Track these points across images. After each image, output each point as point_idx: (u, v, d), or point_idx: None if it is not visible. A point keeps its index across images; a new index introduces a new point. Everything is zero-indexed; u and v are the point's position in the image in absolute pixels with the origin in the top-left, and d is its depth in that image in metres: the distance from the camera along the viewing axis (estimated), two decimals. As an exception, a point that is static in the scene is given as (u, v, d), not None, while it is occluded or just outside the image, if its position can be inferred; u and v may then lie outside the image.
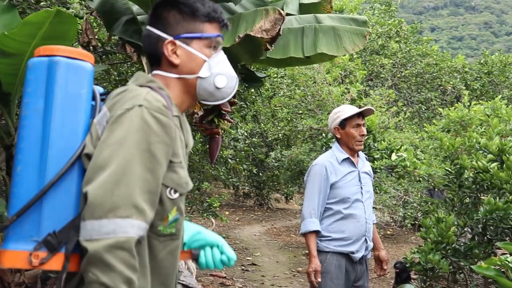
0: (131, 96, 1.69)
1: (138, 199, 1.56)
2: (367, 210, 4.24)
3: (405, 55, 15.33)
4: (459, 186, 6.29)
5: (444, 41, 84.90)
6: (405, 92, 15.85)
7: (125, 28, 5.79)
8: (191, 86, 1.88)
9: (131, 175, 1.57)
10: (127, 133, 1.60)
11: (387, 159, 8.38)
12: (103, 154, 1.58)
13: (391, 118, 12.00)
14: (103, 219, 1.52)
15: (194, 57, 1.87)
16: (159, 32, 1.88)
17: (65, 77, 1.67)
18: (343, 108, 4.35)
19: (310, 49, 5.53)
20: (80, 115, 1.68)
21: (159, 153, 1.63)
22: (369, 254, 4.32)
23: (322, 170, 4.20)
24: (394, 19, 15.83)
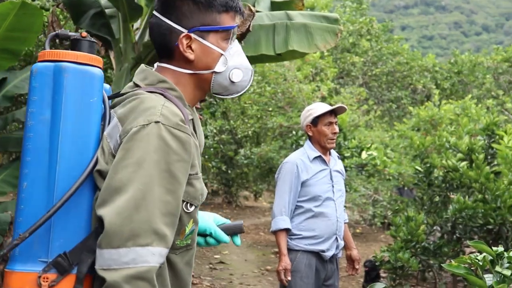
0: (145, 107, 1.55)
1: (158, 224, 1.47)
2: (338, 209, 4.20)
3: (376, 54, 15.40)
4: (428, 185, 6.31)
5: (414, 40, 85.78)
6: (375, 90, 15.93)
7: (92, 21, 5.67)
8: (205, 81, 1.74)
9: (150, 199, 1.47)
10: (144, 153, 1.49)
11: (357, 157, 8.39)
12: (119, 176, 1.48)
13: (362, 116, 12.03)
14: (121, 248, 1.43)
15: (211, 51, 1.71)
16: (172, 23, 1.70)
17: (74, 84, 1.55)
18: (315, 106, 4.31)
19: (281, 46, 5.48)
20: (91, 126, 1.56)
21: (179, 172, 1.53)
22: (340, 253, 4.28)
23: (293, 168, 4.15)
24: (365, 17, 15.89)
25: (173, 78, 1.72)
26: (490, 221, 5.36)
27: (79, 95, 1.55)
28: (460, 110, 8.71)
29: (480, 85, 16.77)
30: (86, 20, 5.66)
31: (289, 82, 11.20)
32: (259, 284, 8.06)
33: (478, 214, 5.47)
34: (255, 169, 13.37)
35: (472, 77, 17.02)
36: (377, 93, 15.86)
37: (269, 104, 12.20)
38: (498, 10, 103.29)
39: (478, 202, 5.51)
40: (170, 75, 1.72)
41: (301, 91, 10.91)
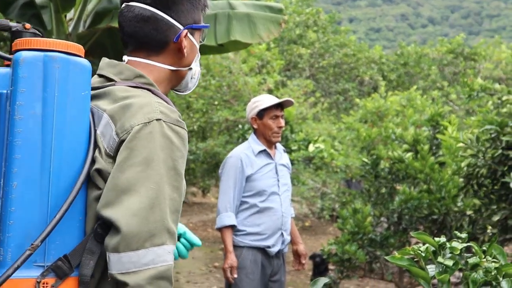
0: (140, 105, 1.52)
1: (169, 222, 1.47)
2: (283, 203, 4.13)
3: (322, 45, 15.37)
4: (375, 177, 6.30)
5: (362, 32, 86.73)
6: (323, 82, 15.94)
7: (21, 11, 5.42)
8: (181, 78, 1.76)
9: (163, 197, 1.46)
10: (151, 152, 1.47)
11: (305, 150, 8.32)
12: (127, 176, 1.44)
13: (309, 109, 12.00)
14: (140, 250, 1.42)
15: (194, 49, 1.75)
16: (171, 19, 1.67)
17: (66, 76, 1.45)
18: (261, 98, 4.22)
19: (223, 37, 5.34)
20: (83, 121, 1.49)
21: (182, 168, 1.54)
22: (286, 248, 4.23)
23: (237, 162, 4.06)
24: (311, 8, 15.83)
25: (151, 73, 1.69)
26: (435, 211, 5.38)
27: (71, 88, 1.46)
28: (405, 101, 8.76)
29: (426, 76, 17.00)
30: (15, 10, 5.40)
31: (234, 75, 11.05)
32: (206, 281, 7.95)
33: (423, 204, 5.47)
34: (202, 165, 13.19)
35: (418, 68, 17.25)
36: (324, 85, 15.86)
37: (215, 98, 12.02)
38: (443, 3, 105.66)
39: (423, 193, 5.52)
40: (146, 70, 1.69)
41: (246, 84, 10.77)
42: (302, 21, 15.08)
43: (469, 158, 4.59)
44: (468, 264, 1.76)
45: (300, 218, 12.88)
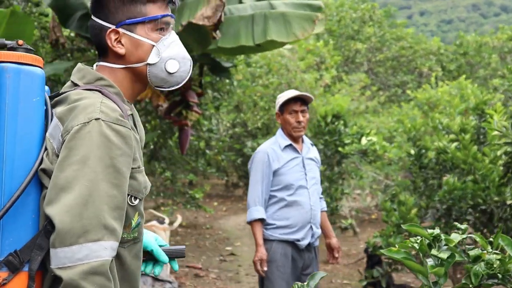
0: (84, 105, 1.58)
1: (107, 219, 1.51)
2: (312, 197, 4.16)
3: (379, 39, 15.22)
4: (420, 168, 6.25)
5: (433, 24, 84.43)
6: (381, 76, 15.77)
7: (80, 23, 5.74)
8: (141, 74, 1.76)
9: (97, 194, 1.50)
10: (88, 150, 1.52)
11: (357, 143, 8.34)
12: (65, 174, 1.50)
13: (367, 102, 11.94)
14: (74, 245, 1.46)
15: (141, 43, 1.73)
16: (101, 21, 1.74)
17: (17, 84, 1.56)
18: (283, 94, 4.28)
19: (260, 37, 5.48)
20: (35, 125, 1.58)
21: (123, 166, 1.57)
22: (316, 241, 4.23)
23: (264, 157, 4.14)
24: (367, 3, 15.72)
25: (110, 75, 1.75)
26: (479, 201, 5.30)
27: (22, 95, 1.56)
28: (456, 91, 8.60)
29: (487, 65, 16.46)
30: (74, 22, 5.72)
31: (292, 73, 11.16)
32: (265, 274, 8.05)
33: (468, 195, 5.40)
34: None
35: (479, 57, 16.72)
36: (383, 78, 15.69)
37: (276, 96, 12.18)
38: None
39: (468, 183, 5.44)
40: (107, 72, 1.75)
41: (303, 81, 10.86)
42: (358, 17, 15.00)
43: (505, 147, 4.54)
44: (470, 257, 1.69)
45: (366, 212, 12.81)
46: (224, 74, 8.00)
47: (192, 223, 11.53)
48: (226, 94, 10.54)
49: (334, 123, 8.49)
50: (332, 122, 8.48)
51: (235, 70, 10.02)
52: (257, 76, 12.92)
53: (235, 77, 11.37)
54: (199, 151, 10.82)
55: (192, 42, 5.53)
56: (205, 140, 10.79)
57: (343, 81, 11.83)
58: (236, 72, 10.66)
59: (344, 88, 11.28)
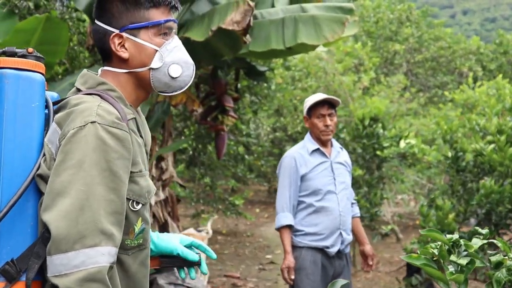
0: (81, 109, 1.57)
1: (104, 224, 1.48)
2: (341, 202, 4.09)
3: (417, 40, 14.94)
4: (457, 171, 6.09)
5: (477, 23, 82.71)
6: (421, 77, 15.48)
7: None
8: (144, 79, 1.76)
9: (94, 198, 1.48)
10: (83, 154, 1.50)
11: (396, 146, 8.18)
12: (61, 179, 1.48)
13: (406, 104, 11.74)
14: (70, 252, 1.43)
15: (144, 48, 1.74)
16: (104, 25, 1.75)
17: (15, 90, 1.56)
18: (311, 97, 4.23)
19: (291, 40, 5.44)
20: (33, 131, 1.58)
21: (120, 169, 1.54)
22: (347, 248, 4.16)
23: (292, 162, 4.10)
24: (403, 4, 15.47)
25: (113, 79, 1.75)
26: (518, 205, 5.12)
27: (20, 100, 1.57)
28: (494, 91, 8.35)
29: (529, 63, 15.96)
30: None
31: (330, 75, 11.06)
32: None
33: (506, 198, 5.23)
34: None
35: (519, 56, 16.24)
36: (422, 79, 15.39)
37: (315, 99, 12.06)
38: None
39: (506, 186, 5.27)
40: (110, 77, 1.76)
41: (342, 84, 10.75)
42: (395, 18, 14.77)
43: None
44: (491, 263, 1.67)
45: (410, 217, 12.52)
46: (260, 78, 7.98)
47: (232, 231, 11.49)
48: (264, 98, 10.49)
49: (372, 126, 8.35)
50: (370, 125, 8.34)
51: (273, 73, 9.97)
52: (297, 80, 12.85)
53: (275, 81, 11.34)
54: (238, 156, 10.78)
55: (223, 47, 5.53)
56: (243, 145, 10.76)
57: (382, 83, 11.64)
58: (275, 75, 10.61)
59: (383, 90, 11.10)
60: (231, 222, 12.40)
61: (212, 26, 4.92)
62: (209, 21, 5.08)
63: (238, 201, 10.13)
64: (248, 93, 9.74)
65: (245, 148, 11.20)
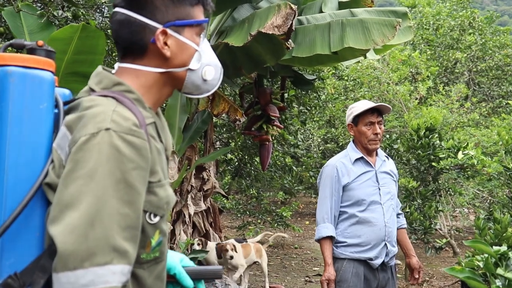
0: (94, 114, 1.43)
1: (117, 240, 1.34)
2: (386, 213, 3.91)
3: (480, 48, 14.30)
4: (518, 183, 5.73)
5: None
6: (484, 86, 14.83)
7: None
8: (179, 79, 1.65)
9: (106, 212, 1.34)
10: (95, 164, 1.36)
11: (453, 158, 7.80)
12: (70, 190, 1.34)
13: (466, 114, 11.26)
14: (78, 270, 1.29)
15: (187, 47, 1.63)
16: (145, 19, 1.59)
17: (21, 89, 1.42)
18: (357, 104, 4.07)
19: (337, 44, 5.23)
20: (41, 134, 1.44)
21: (136, 181, 1.40)
22: (392, 261, 3.97)
23: (333, 171, 3.93)
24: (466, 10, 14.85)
25: (135, 78, 1.61)
26: None
27: (27, 100, 1.43)
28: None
29: None
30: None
31: (384, 85, 10.74)
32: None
33: None
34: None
35: None
36: (486, 89, 14.74)
37: (367, 109, 11.75)
38: None
39: None
40: (133, 76, 1.61)
41: (397, 93, 10.41)
42: (457, 25, 14.18)
43: None
44: None
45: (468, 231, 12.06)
46: (307, 87, 7.78)
47: (280, 243, 11.32)
48: (314, 108, 10.26)
49: (427, 137, 8.03)
50: (426, 136, 8.02)
51: (323, 83, 9.75)
52: (350, 90, 12.57)
53: (327, 91, 11.10)
54: (286, 168, 10.59)
55: (265, 52, 5.38)
56: (291, 156, 10.56)
57: (440, 93, 11.21)
58: (325, 85, 10.37)
59: (441, 100, 10.68)
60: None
61: (251, 31, 4.77)
62: (249, 26, 4.93)
63: (286, 213, 9.91)
64: (296, 103, 9.53)
65: (294, 159, 10.98)
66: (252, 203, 10.44)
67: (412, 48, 14.77)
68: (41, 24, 5.42)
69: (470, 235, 11.77)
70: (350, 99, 11.74)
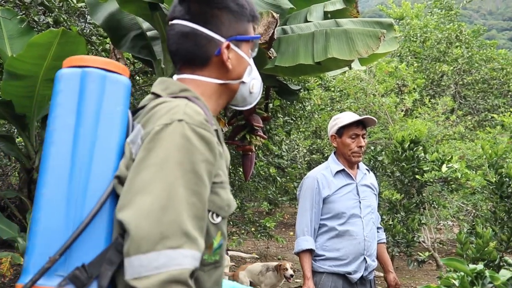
0: (168, 108, 1.48)
1: (188, 226, 1.35)
2: (366, 227, 3.86)
3: (467, 61, 14.35)
4: (501, 197, 5.69)
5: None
6: (470, 100, 14.88)
7: (132, 44, 5.64)
8: (232, 91, 1.74)
9: (176, 199, 1.35)
10: (167, 153, 1.39)
11: (438, 171, 7.78)
12: (142, 177, 1.37)
13: (452, 127, 11.27)
14: (151, 252, 1.30)
15: (243, 61, 1.72)
16: (211, 32, 1.67)
17: (101, 91, 1.49)
18: (342, 115, 4.03)
19: (320, 55, 5.15)
20: (115, 134, 1.49)
21: (203, 172, 1.42)
22: (371, 275, 3.92)
23: (314, 183, 3.88)
24: (453, 23, 14.90)
25: (196, 87, 1.68)
26: None
27: (106, 102, 1.49)
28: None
29: None
30: (127, 43, 5.63)
31: (370, 97, 10.72)
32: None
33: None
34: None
35: None
36: (471, 102, 14.79)
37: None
38: None
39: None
40: (193, 85, 1.68)
41: (383, 105, 10.39)
42: (444, 38, 14.21)
43: None
44: None
45: (453, 244, 12.07)
46: (292, 97, 7.69)
47: (263, 254, 11.24)
48: (299, 119, 10.21)
49: (412, 149, 8.00)
50: (410, 148, 7.99)
51: (308, 94, 9.71)
52: (337, 101, 12.55)
53: (313, 101, 11.06)
54: (270, 178, 10.53)
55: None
56: (276, 166, 10.49)
57: (426, 105, 11.21)
58: (311, 96, 10.34)
59: (427, 112, 10.68)
60: (262, 244, 12.21)
61: (233, 40, 4.70)
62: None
63: (270, 223, 9.84)
64: (281, 113, 9.48)
65: (280, 169, 10.92)
66: (235, 213, 10.36)
67: (399, 60, 14.79)
68: (21, 29, 5.33)
69: (453, 248, 11.76)
70: (336, 110, 11.71)
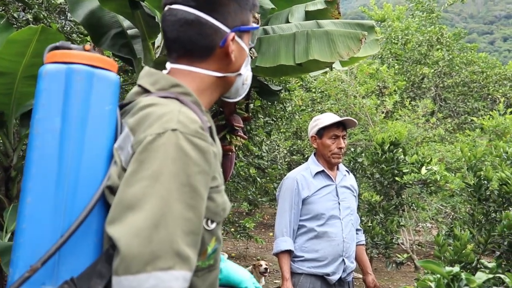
0: (159, 114, 1.38)
1: (180, 245, 1.28)
2: (345, 228, 3.87)
3: (447, 64, 14.45)
4: (479, 200, 5.74)
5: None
6: (450, 102, 14.99)
7: (113, 42, 5.60)
8: (230, 83, 1.64)
9: (170, 216, 1.28)
10: (161, 165, 1.31)
11: (417, 173, 7.82)
12: (133, 190, 1.29)
13: (432, 129, 11.35)
14: (141, 274, 1.23)
15: (243, 52, 1.62)
16: (217, 22, 1.55)
17: (88, 89, 1.38)
18: (322, 116, 4.04)
19: (301, 56, 5.14)
20: (105, 136, 1.39)
21: (200, 185, 1.35)
22: (349, 276, 3.93)
23: (293, 184, 3.87)
24: (434, 26, 14.99)
25: (192, 81, 1.57)
26: (543, 239, 4.76)
27: (94, 102, 1.38)
28: (524, 118, 7.97)
29: None
30: (107, 41, 5.59)
31: (350, 98, 10.76)
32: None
33: (529, 231, 4.86)
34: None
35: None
36: (452, 105, 14.90)
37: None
38: None
39: (530, 218, 4.91)
40: (188, 78, 1.57)
41: (363, 107, 10.43)
42: (425, 40, 14.30)
43: None
44: None
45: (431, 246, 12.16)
46: (273, 98, 7.68)
47: (242, 254, 11.23)
48: (279, 119, 10.20)
49: (392, 151, 8.04)
50: (390, 150, 8.02)
51: (289, 95, 9.72)
52: (318, 102, 12.57)
53: (294, 102, 11.06)
54: (250, 179, 10.51)
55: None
56: (256, 167, 10.48)
57: (407, 107, 11.28)
58: (292, 97, 10.34)
59: (407, 115, 10.74)
60: (241, 245, 12.18)
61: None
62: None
63: (249, 224, 9.83)
64: (262, 114, 9.46)
65: (260, 170, 10.91)
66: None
67: (380, 62, 14.85)
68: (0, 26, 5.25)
69: (432, 250, 11.83)
70: (317, 111, 11.71)
